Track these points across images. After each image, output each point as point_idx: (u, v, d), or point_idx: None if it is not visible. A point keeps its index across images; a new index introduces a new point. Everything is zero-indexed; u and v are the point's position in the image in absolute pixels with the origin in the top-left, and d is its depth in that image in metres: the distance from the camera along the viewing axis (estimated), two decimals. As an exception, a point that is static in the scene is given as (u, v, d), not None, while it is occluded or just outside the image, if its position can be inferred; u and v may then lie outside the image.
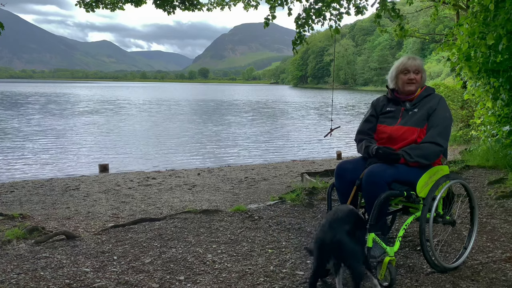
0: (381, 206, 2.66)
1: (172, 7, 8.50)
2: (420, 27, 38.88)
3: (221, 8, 9.04)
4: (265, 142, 16.38)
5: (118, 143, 15.46)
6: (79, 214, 4.96)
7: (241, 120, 25.44)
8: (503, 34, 5.29)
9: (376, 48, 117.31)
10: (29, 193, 6.66)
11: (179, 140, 16.41)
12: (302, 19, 6.71)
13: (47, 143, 15.05)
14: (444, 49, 6.93)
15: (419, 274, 2.83)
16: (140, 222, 4.21)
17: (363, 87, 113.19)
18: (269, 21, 7.05)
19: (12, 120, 22.62)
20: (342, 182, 2.93)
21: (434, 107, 2.93)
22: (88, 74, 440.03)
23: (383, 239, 2.74)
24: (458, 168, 6.38)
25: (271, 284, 2.71)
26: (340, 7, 6.65)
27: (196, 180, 7.83)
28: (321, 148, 15.01)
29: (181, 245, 3.49)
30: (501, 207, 4.33)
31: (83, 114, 27.52)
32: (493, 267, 2.92)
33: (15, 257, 3.20)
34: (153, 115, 27.87)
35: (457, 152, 9.38)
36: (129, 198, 6.13)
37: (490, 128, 7.03)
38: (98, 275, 2.86)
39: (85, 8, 8.41)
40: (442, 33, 19.36)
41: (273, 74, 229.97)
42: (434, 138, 2.83)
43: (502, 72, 6.16)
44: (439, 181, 2.85)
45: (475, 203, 3.17)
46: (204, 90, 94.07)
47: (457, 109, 12.08)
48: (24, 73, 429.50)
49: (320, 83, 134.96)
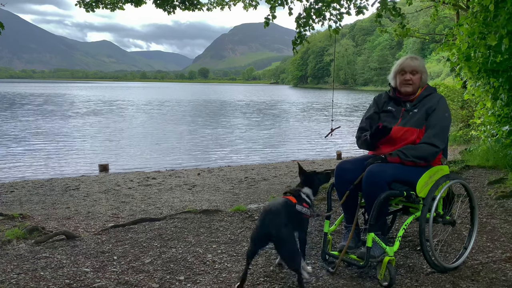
0: (381, 206, 2.67)
1: (172, 7, 8.50)
2: (420, 27, 38.85)
3: (221, 8, 9.05)
4: (265, 142, 16.37)
5: (118, 143, 15.45)
6: (79, 214, 4.95)
7: (241, 120, 25.43)
8: (504, 34, 5.29)
9: (376, 48, 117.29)
10: (29, 193, 6.65)
11: (179, 140, 16.41)
12: (302, 19, 6.71)
13: (47, 143, 15.04)
14: (444, 49, 6.93)
15: (419, 274, 2.83)
16: (140, 222, 4.21)
17: (363, 87, 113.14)
18: (270, 21, 7.04)
19: (12, 120, 22.61)
20: (342, 182, 2.93)
21: (433, 107, 2.91)
22: (88, 74, 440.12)
23: (382, 239, 2.74)
24: (458, 168, 6.38)
25: (271, 284, 2.71)
26: (340, 7, 6.65)
27: (196, 180, 7.83)
28: (321, 148, 14.99)
29: (181, 245, 3.49)
30: (501, 207, 4.33)
31: (83, 114, 27.51)
32: (493, 267, 2.92)
33: (15, 257, 3.20)
34: (153, 115, 27.86)
35: (457, 152, 9.38)
36: (129, 198, 6.12)
37: (490, 128, 7.03)
38: (98, 275, 2.86)
39: (85, 8, 8.41)
40: (442, 33, 19.34)
41: (273, 74, 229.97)
42: (430, 139, 2.82)
43: (502, 72, 6.16)
44: (439, 181, 2.85)
45: (475, 203, 3.17)
46: (204, 90, 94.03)
47: (457, 109, 12.07)
48: (24, 73, 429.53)
49: (320, 83, 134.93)
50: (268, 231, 2.46)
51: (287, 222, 2.52)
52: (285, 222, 2.52)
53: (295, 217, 2.71)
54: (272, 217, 2.52)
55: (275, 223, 2.48)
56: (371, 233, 2.67)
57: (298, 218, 2.73)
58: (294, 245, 2.53)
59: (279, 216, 2.53)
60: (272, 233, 2.45)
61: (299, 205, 2.76)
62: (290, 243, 2.49)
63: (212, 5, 8.94)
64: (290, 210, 2.69)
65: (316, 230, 3.80)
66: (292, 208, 2.71)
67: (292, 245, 2.50)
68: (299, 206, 2.75)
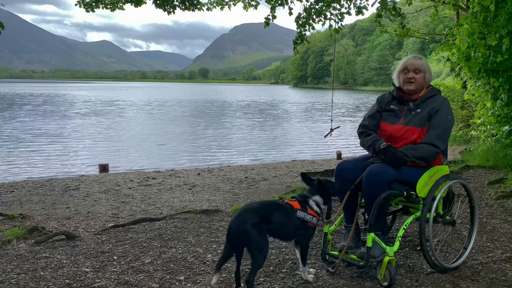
0: (381, 206, 2.67)
1: (172, 7, 8.50)
2: (420, 27, 38.86)
3: (221, 8, 9.05)
4: (265, 142, 16.37)
5: (118, 143, 15.45)
6: (79, 214, 4.96)
7: (241, 120, 25.43)
8: (504, 34, 5.29)
9: (376, 48, 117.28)
10: (29, 193, 6.65)
11: (179, 140, 16.41)
12: (302, 19, 6.71)
13: (48, 143, 15.04)
14: (444, 49, 6.93)
15: (419, 274, 2.83)
16: (140, 222, 4.22)
17: (363, 87, 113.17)
18: (270, 21, 7.04)
19: (12, 121, 22.61)
20: (342, 182, 2.92)
21: (436, 108, 2.91)
22: (88, 74, 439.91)
23: (383, 239, 2.74)
24: (458, 168, 6.38)
25: (271, 284, 2.71)
26: (340, 7, 6.65)
27: (196, 180, 7.83)
28: (321, 148, 14.99)
29: (181, 245, 3.49)
30: (501, 207, 4.34)
31: (83, 115, 27.51)
32: (493, 267, 2.92)
33: (15, 257, 3.20)
34: (153, 116, 27.86)
35: (457, 152, 9.38)
36: (129, 198, 6.12)
37: (490, 128, 7.03)
38: (98, 275, 2.86)
39: (85, 8, 8.41)
40: (442, 33, 19.35)
41: (273, 74, 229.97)
42: (432, 140, 2.82)
43: (502, 72, 6.16)
44: (439, 181, 2.85)
45: (475, 203, 3.17)
46: (204, 90, 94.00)
47: (457, 109, 12.06)
48: (24, 73, 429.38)
49: (320, 83, 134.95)
50: (236, 230, 2.41)
51: (259, 222, 2.43)
52: (257, 222, 2.42)
53: (292, 223, 2.60)
54: (243, 215, 2.46)
55: (242, 221, 2.41)
56: (371, 233, 2.67)
57: (298, 224, 2.61)
58: (262, 248, 2.42)
59: (251, 215, 2.44)
60: (238, 231, 2.39)
61: (302, 212, 2.64)
62: (257, 244, 2.40)
63: (212, 5, 8.94)
64: (285, 214, 2.59)
65: (316, 230, 3.80)
66: (289, 213, 2.61)
67: (259, 248, 2.41)
68: (301, 213, 2.64)
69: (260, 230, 2.43)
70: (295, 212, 2.63)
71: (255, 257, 2.41)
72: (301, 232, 2.65)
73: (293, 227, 2.62)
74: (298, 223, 2.62)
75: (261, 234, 2.43)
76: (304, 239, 2.68)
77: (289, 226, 2.61)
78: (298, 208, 2.65)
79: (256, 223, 2.43)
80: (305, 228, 2.66)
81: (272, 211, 2.56)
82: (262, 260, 2.44)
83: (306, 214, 2.66)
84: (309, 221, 2.66)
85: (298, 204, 2.68)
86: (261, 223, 2.45)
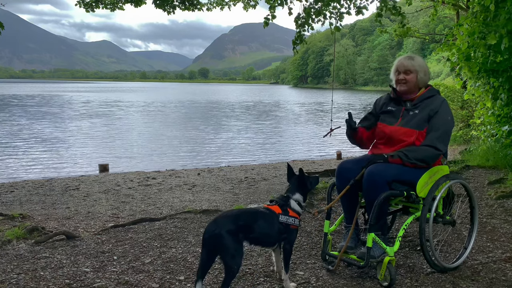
0: (381, 206, 2.66)
1: (172, 7, 8.50)
2: (420, 27, 38.84)
3: (220, 8, 9.05)
4: (265, 142, 16.38)
5: (118, 143, 15.45)
6: (79, 214, 4.95)
7: (241, 120, 25.44)
8: (504, 34, 5.29)
9: (376, 48, 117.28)
10: (29, 193, 6.65)
11: (179, 140, 16.41)
12: (302, 19, 6.71)
13: (48, 143, 15.05)
14: (444, 49, 6.92)
15: (419, 274, 2.83)
16: (140, 222, 4.22)
17: (363, 87, 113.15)
18: (269, 21, 7.05)
19: (12, 121, 22.61)
20: (343, 181, 2.92)
21: (435, 109, 2.88)
22: (88, 74, 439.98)
23: (383, 239, 2.74)
24: (458, 168, 6.38)
25: (271, 284, 2.71)
26: (340, 7, 6.66)
27: (196, 180, 7.82)
28: (321, 148, 14.99)
29: (181, 245, 3.49)
30: (501, 207, 4.33)
31: (83, 115, 27.51)
32: (493, 267, 2.92)
33: (15, 257, 3.20)
34: (153, 116, 27.87)
35: (457, 152, 9.38)
36: (129, 198, 6.12)
37: (490, 128, 7.03)
38: (98, 275, 2.86)
39: (85, 8, 8.41)
40: (442, 33, 19.36)
41: (273, 74, 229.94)
42: (433, 142, 2.81)
43: (502, 72, 6.16)
44: (439, 181, 2.85)
45: (475, 203, 3.17)
46: (204, 91, 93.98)
47: (457, 109, 12.06)
48: (24, 73, 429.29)
49: (320, 83, 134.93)
50: (210, 234, 2.33)
51: (235, 230, 2.34)
52: (233, 229, 2.33)
53: (275, 229, 2.53)
54: (220, 220, 2.38)
55: (218, 226, 2.33)
56: (371, 233, 2.67)
57: (281, 229, 2.54)
58: (235, 256, 2.32)
59: (228, 222, 2.36)
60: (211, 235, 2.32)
61: (284, 216, 2.56)
62: (229, 251, 2.31)
63: (212, 5, 8.94)
64: (267, 222, 2.51)
65: (316, 230, 3.80)
66: (271, 220, 2.53)
67: (232, 255, 2.31)
68: (283, 217, 2.56)
69: (236, 238, 2.34)
70: (277, 218, 2.55)
71: (227, 265, 2.31)
72: (285, 236, 2.58)
73: (276, 233, 2.54)
74: (282, 228, 2.55)
75: (236, 242, 2.33)
76: (288, 243, 2.61)
77: (272, 233, 2.53)
78: (279, 212, 2.57)
79: (232, 230, 2.33)
80: (289, 232, 2.59)
81: (254, 220, 2.48)
82: (235, 269, 2.32)
83: (288, 217, 2.58)
84: (292, 224, 2.59)
85: (278, 208, 2.60)
86: (238, 231, 2.35)
